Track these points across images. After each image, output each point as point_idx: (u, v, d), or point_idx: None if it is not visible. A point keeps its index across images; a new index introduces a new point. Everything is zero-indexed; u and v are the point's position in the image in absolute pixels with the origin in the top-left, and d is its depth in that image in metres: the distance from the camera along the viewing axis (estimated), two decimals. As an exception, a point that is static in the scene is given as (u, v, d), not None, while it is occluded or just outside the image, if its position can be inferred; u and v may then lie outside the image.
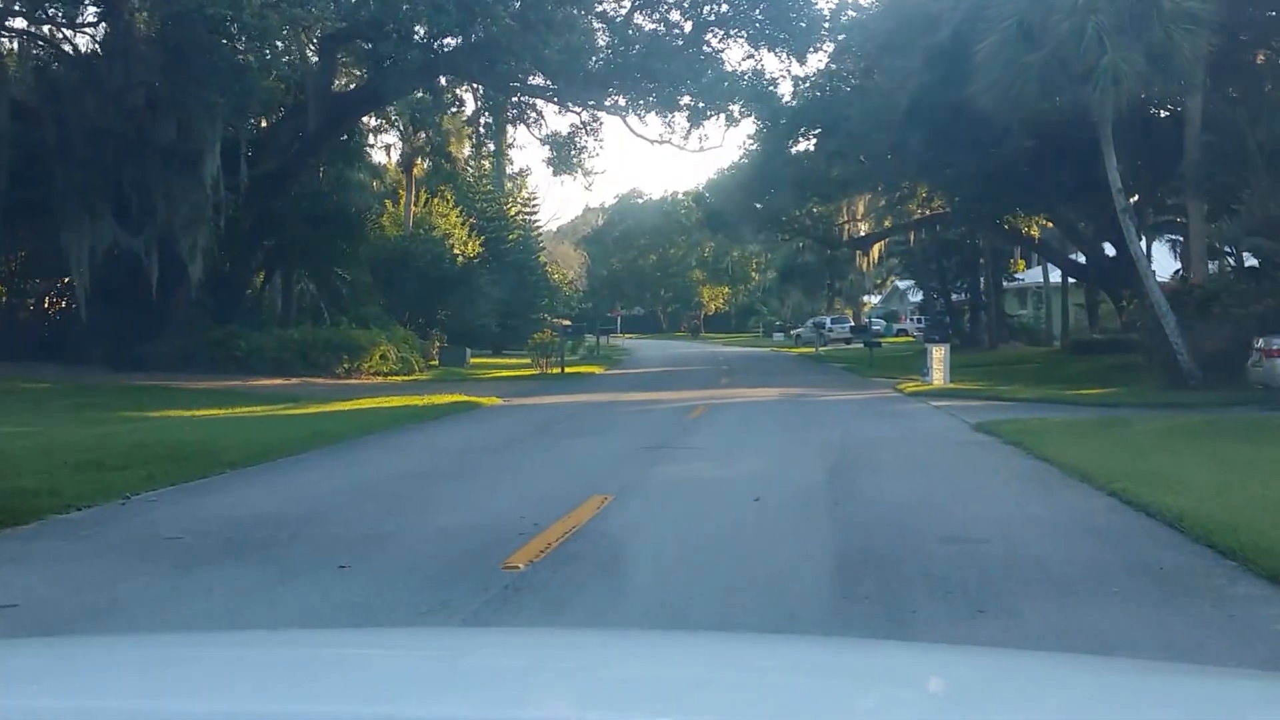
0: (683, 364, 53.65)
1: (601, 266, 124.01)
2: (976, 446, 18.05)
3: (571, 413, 25.75)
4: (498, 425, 22.50)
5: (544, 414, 25.37)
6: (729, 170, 58.67)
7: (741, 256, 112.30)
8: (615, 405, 28.09)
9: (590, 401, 29.34)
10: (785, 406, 27.06)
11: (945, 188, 40.95)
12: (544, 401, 29.60)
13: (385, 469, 15.30)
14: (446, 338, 58.03)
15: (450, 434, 20.77)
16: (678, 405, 27.31)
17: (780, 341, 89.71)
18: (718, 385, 36.12)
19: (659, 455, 16.63)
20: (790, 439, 19.23)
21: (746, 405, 27.77)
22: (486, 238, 68.07)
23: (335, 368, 40.14)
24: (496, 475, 14.65)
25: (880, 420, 23.30)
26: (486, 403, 28.31)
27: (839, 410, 26.15)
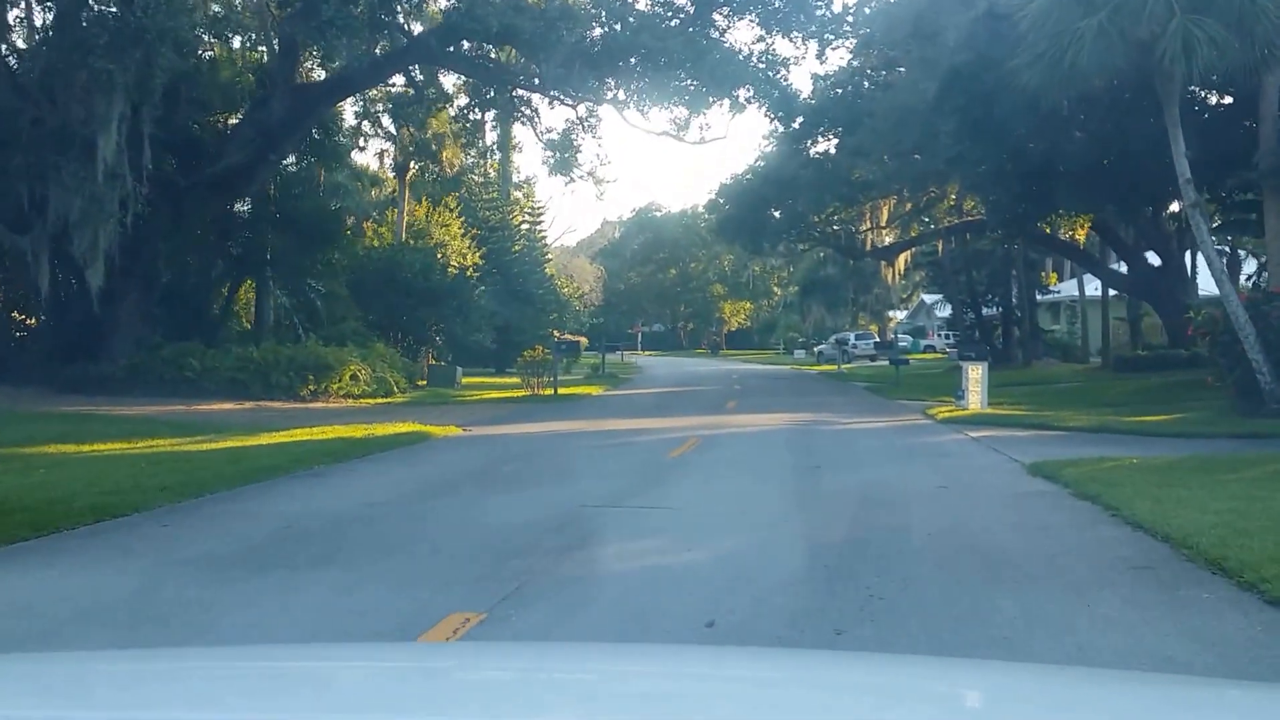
0: (692, 383, 48.82)
1: (619, 281, 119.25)
2: (1040, 503, 13.26)
3: (531, 448, 21.01)
4: (429, 467, 17.74)
5: (497, 450, 20.67)
6: (744, 175, 53.79)
7: (762, 271, 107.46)
8: (591, 437, 23.30)
9: (564, 431, 24.56)
10: (794, 439, 22.20)
11: (978, 186, 36.01)
12: (510, 431, 24.87)
13: (181, 552, 10.55)
14: (440, 355, 53.55)
15: (358, 481, 16.05)
16: (665, 437, 22.51)
17: (801, 359, 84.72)
18: (722, 410, 31.30)
19: (599, 524, 11.83)
20: (790, 491, 14.47)
21: (747, 437, 22.97)
22: (489, 248, 63.47)
23: (299, 389, 35.57)
24: (340, 562, 9.89)
25: (909, 460, 18.46)
26: (440, 433, 23.56)
27: (859, 444, 21.26)
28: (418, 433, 23.25)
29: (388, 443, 21.29)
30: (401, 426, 24.18)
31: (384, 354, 41.29)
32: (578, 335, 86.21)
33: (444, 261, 49.88)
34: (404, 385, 40.84)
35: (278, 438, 22.22)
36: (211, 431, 24.12)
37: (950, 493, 14.29)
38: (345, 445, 20.37)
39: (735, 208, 53.22)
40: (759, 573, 9.20)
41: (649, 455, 18.90)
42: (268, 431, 23.78)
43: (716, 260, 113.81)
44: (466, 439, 22.92)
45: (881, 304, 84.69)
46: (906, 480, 15.54)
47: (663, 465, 17.30)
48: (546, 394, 39.10)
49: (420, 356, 49.17)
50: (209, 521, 12.41)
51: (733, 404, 34.12)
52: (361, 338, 42.90)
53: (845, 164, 44.98)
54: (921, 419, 27.73)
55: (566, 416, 29.30)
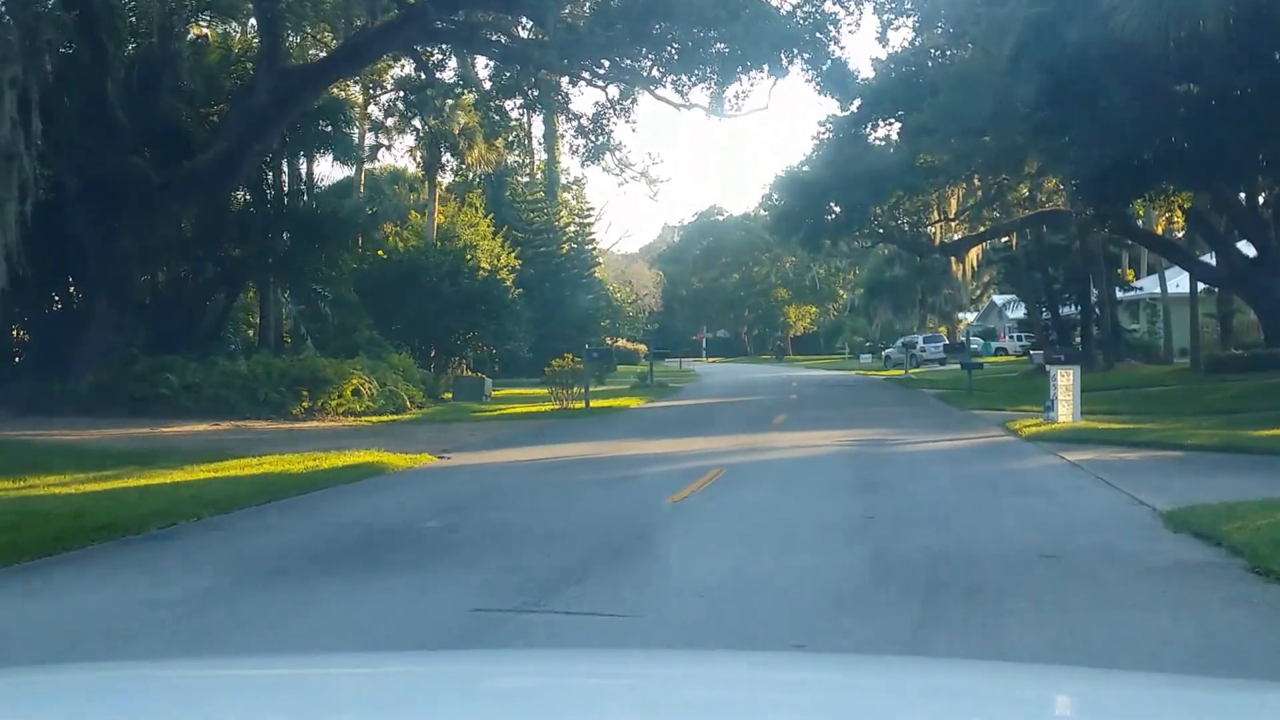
0: (746, 393, 43.64)
1: (681, 287, 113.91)
2: (1210, 592, 8.34)
3: (498, 487, 16.09)
4: (315, 527, 12.76)
5: (448, 491, 15.76)
6: (799, 166, 48.58)
7: (827, 273, 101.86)
8: (589, 468, 18.31)
9: (563, 459, 19.58)
10: (845, 469, 17.06)
11: (1062, 160, 30.50)
12: (497, 459, 19.98)
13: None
14: (478, 365, 48.86)
15: (162, 559, 11.12)
16: (680, 468, 17.49)
17: (868, 363, 79.05)
18: (766, 426, 26.17)
19: (478, 654, 6.73)
20: (823, 572, 9.38)
21: (785, 468, 17.81)
22: (533, 251, 58.78)
23: (291, 407, 30.94)
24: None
25: (995, 503, 13.34)
26: (402, 465, 18.76)
27: (928, 477, 16.03)
28: (373, 465, 18.40)
29: (322, 479, 16.49)
30: (359, 456, 19.40)
31: (399, 365, 36.63)
32: (636, 343, 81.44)
33: (474, 264, 45.18)
34: (420, 399, 36.14)
35: (198, 473, 17.53)
36: (140, 463, 19.45)
37: (1062, 568, 9.20)
38: (259, 486, 15.53)
39: (791, 202, 47.96)
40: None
41: (644, 499, 13.86)
42: (209, 463, 19.15)
43: (779, 263, 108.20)
44: (428, 473, 18.01)
45: (951, 305, 78.90)
46: (995, 542, 10.50)
47: (652, 518, 12.22)
48: (577, 407, 34.17)
49: (449, 367, 44.49)
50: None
51: (781, 418, 28.95)
52: (377, 348, 38.28)
53: (909, 148, 39.65)
54: (1003, 435, 22.51)
55: (582, 437, 24.35)
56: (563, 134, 49.17)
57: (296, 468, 17.90)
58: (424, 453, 20.33)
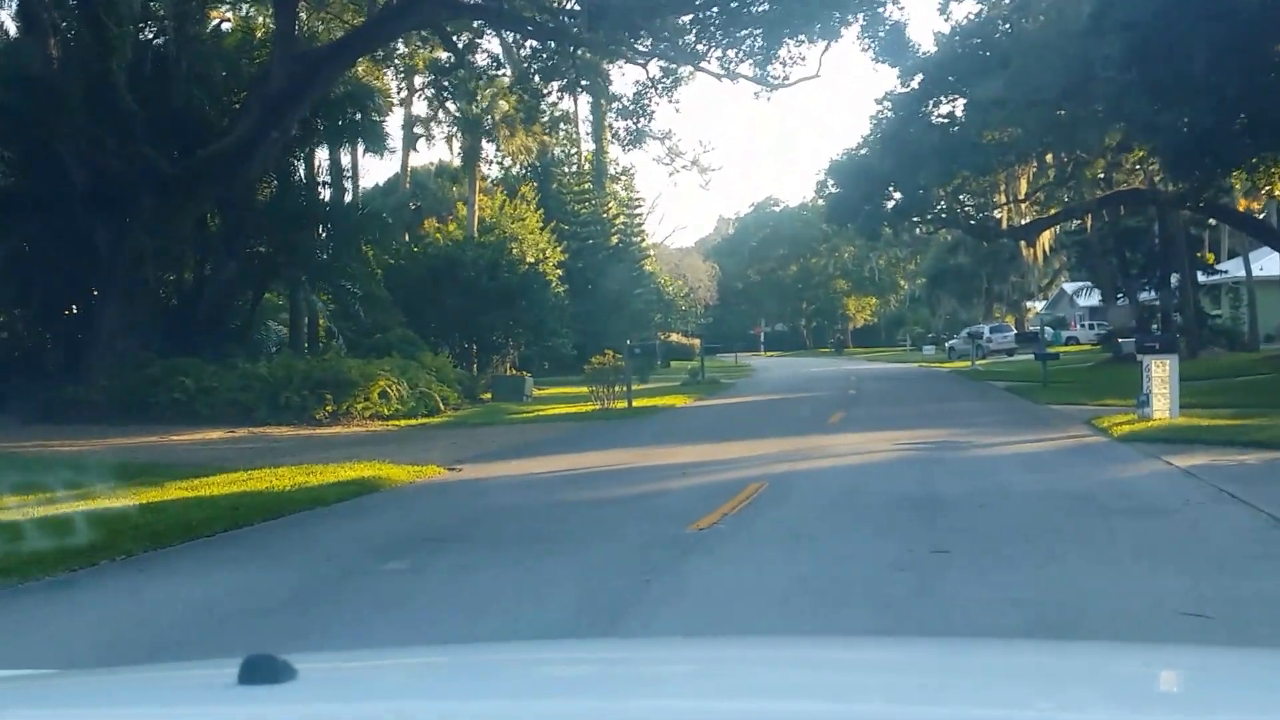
0: (801, 389, 40.87)
1: (738, 280, 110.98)
2: None
3: (502, 511, 13.51)
4: (239, 573, 10.25)
5: (437, 518, 13.30)
6: (856, 150, 45.75)
7: (887, 263, 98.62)
8: (616, 480, 15.78)
9: (588, 470, 17.07)
10: (908, 481, 14.36)
11: (1149, 132, 27.51)
12: (512, 472, 17.41)
13: None
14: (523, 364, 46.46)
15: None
16: (716, 481, 14.90)
17: (931, 355, 75.76)
18: (820, 427, 23.49)
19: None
20: (875, 637, 6.69)
21: (836, 480, 15.11)
22: (580, 244, 56.31)
23: (314, 411, 28.67)
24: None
25: (1103, 526, 10.65)
26: (403, 480, 16.36)
27: (1010, 490, 13.28)
28: (369, 480, 15.97)
29: (302, 500, 14.08)
30: (359, 470, 17.02)
31: (433, 365, 34.29)
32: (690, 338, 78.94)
33: (517, 257, 42.77)
34: (455, 401, 33.76)
35: (171, 492, 15.26)
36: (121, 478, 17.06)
37: (1220, 634, 6.53)
38: (220, 511, 13.16)
39: (847, 188, 45.12)
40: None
41: (661, 528, 11.20)
42: (195, 478, 16.95)
43: (837, 254, 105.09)
44: (427, 492, 15.52)
45: (1019, 293, 75.59)
46: (1114, 591, 7.87)
47: (663, 559, 9.54)
48: (618, 408, 31.65)
49: (491, 366, 42.11)
50: None
51: (838, 416, 26.23)
52: (411, 347, 35.93)
53: (976, 125, 36.76)
54: (1091, 435, 19.72)
55: (616, 442, 21.82)
56: (604, 116, 46.60)
57: (282, 484, 15.55)
58: (434, 464, 17.87)
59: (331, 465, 17.61)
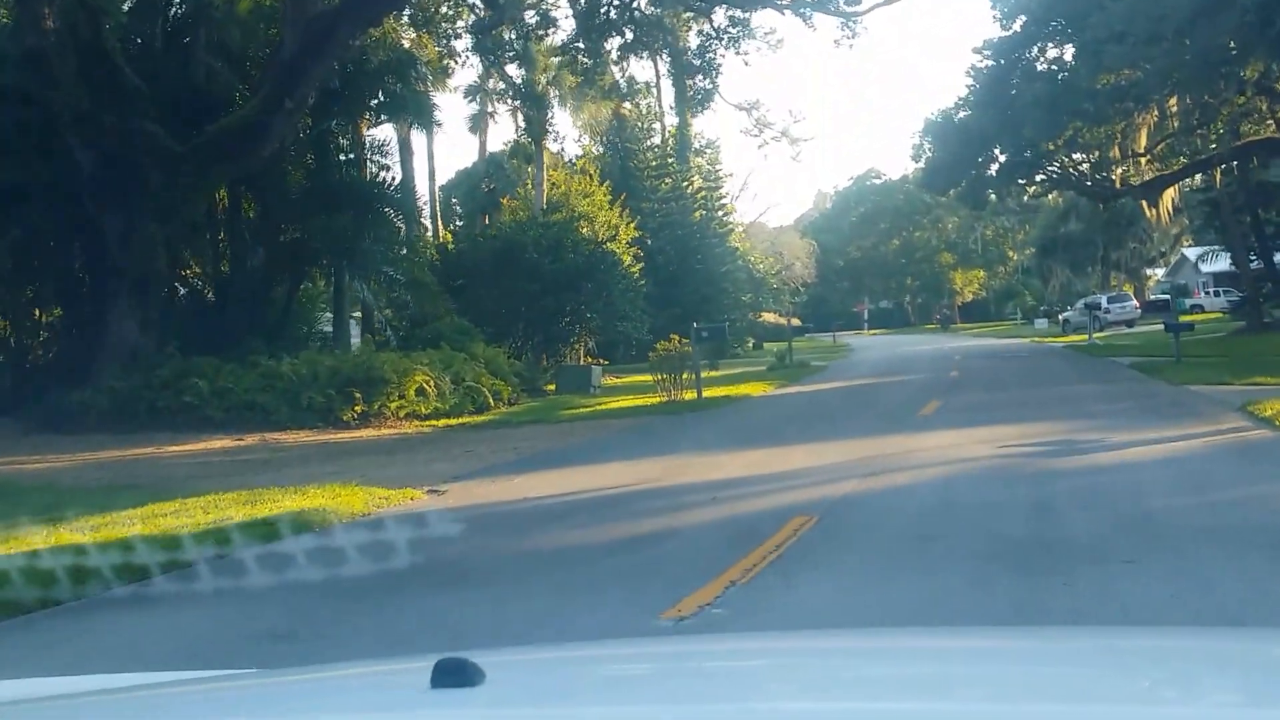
0: (898, 371, 36.52)
1: (837, 257, 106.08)
2: None
3: (439, 570, 9.43)
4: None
5: (372, 575, 9.34)
6: (954, 108, 41.21)
7: (994, 234, 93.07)
8: (621, 510, 11.89)
9: (597, 494, 13.15)
10: (1012, 508, 10.22)
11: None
12: (510, 496, 13.52)
13: None
14: (600, 351, 42.78)
15: None
16: (757, 510, 11.01)
17: (1044, 329, 70.44)
18: (911, 420, 19.37)
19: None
20: None
21: (919, 504, 10.92)
22: (659, 221, 52.37)
23: (340, 411, 25.18)
24: None
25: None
26: (357, 512, 12.65)
27: (1163, 527, 9.05)
28: (311, 514, 12.23)
29: (185, 551, 10.34)
30: (305, 498, 13.28)
31: (484, 356, 30.71)
32: (786, 317, 74.70)
33: (585, 236, 38.98)
34: (510, 395, 30.18)
35: (60, 536, 11.55)
36: (33, 512, 13.60)
37: None
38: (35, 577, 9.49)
39: (945, 150, 40.75)
40: None
41: (625, 612, 7.20)
42: (137, 506, 13.36)
43: (940, 225, 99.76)
44: (360, 531, 11.70)
45: (1138, 260, 69.97)
46: None
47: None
48: (687, 399, 27.76)
49: (561, 355, 38.43)
50: None
51: (933, 406, 21.97)
52: (463, 336, 32.37)
53: (1088, 68, 32.16)
54: (1251, 426, 15.46)
55: (660, 447, 17.92)
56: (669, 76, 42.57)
57: (194, 522, 11.93)
58: (412, 488, 14.11)
59: (290, 491, 13.96)
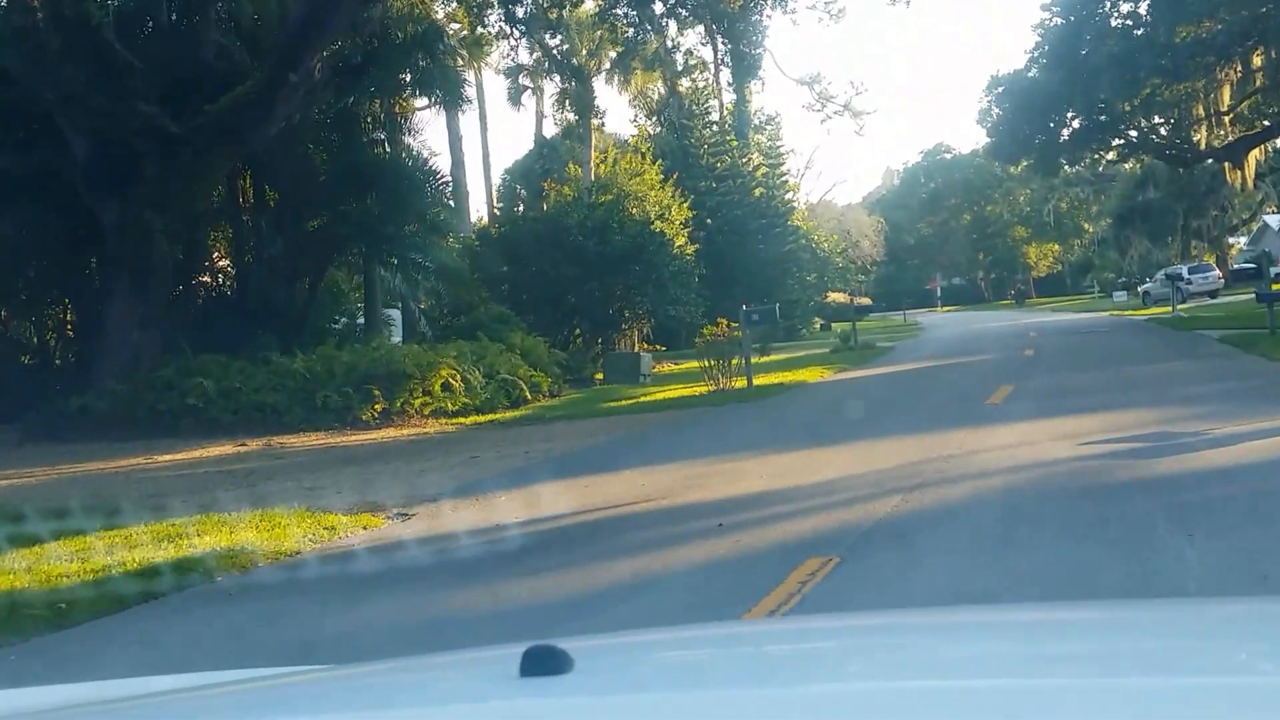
0: (968, 351, 33.71)
1: (907, 234, 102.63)
2: None
3: (303, 651, 7.14)
4: None
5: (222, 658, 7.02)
6: (1024, 70, 38.16)
7: (1070, 205, 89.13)
8: (596, 547, 9.41)
9: (573, 523, 10.58)
10: (1103, 539, 7.66)
11: None
12: (486, 520, 11.08)
13: None
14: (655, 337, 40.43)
15: None
16: (757, 551, 8.49)
17: (1123, 303, 66.85)
18: (979, 409, 16.70)
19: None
20: None
21: (970, 533, 8.36)
22: (717, 200, 49.79)
23: (359, 410, 23.02)
24: None
25: None
26: (285, 549, 10.30)
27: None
28: (213, 560, 9.90)
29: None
30: (232, 533, 11.00)
31: (522, 346, 28.47)
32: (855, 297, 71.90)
33: (635, 217, 36.55)
34: (551, 386, 27.99)
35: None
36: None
37: None
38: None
39: (1013, 114, 37.73)
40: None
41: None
42: (57, 540, 11.12)
43: (1011, 198, 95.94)
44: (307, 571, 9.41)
45: (1219, 228, 66.13)
46: None
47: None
48: (737, 387, 25.31)
49: (610, 343, 36.06)
50: None
51: (1005, 392, 19.26)
52: (502, 326, 30.13)
53: (1166, 20, 29.20)
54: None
55: (679, 451, 15.47)
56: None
57: (81, 570, 9.68)
58: (381, 510, 11.82)
59: (232, 518, 11.71)
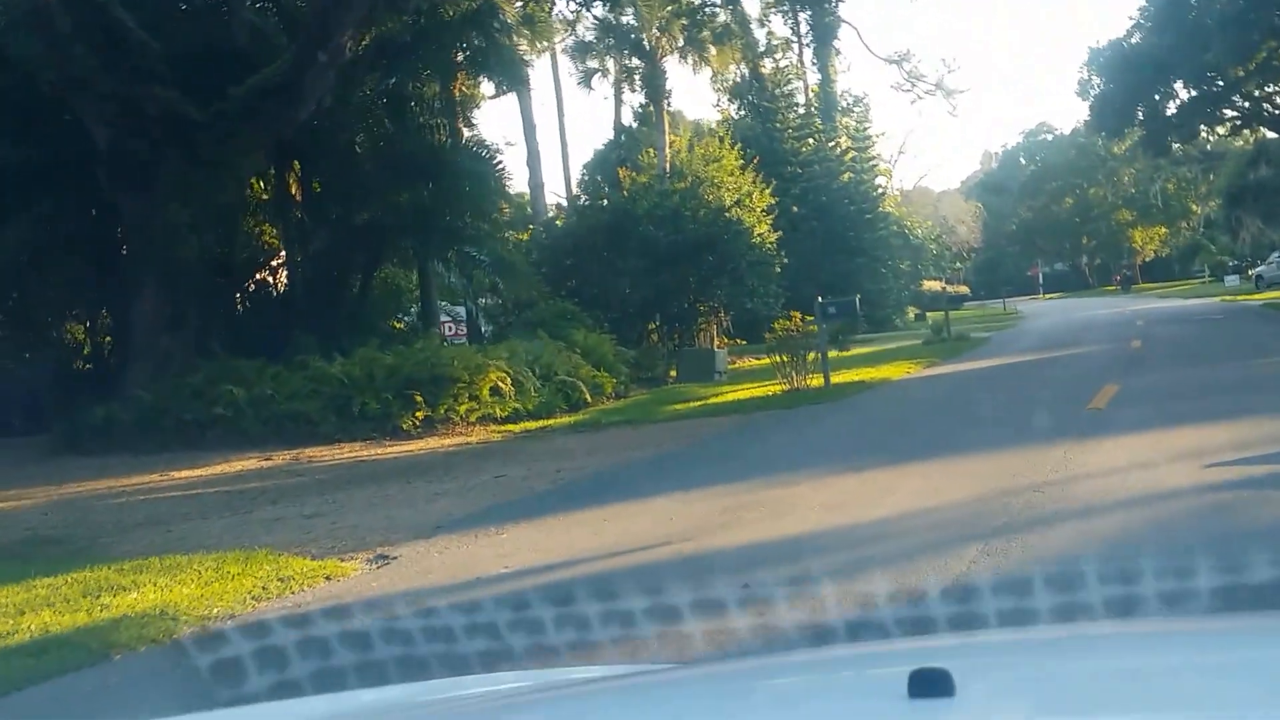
0: (1069, 342, 31.08)
1: (1007, 219, 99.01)
2: None
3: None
4: None
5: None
6: (1126, 37, 35.36)
7: (1177, 185, 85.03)
8: (619, 598, 7.30)
9: (593, 574, 8.57)
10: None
11: None
12: (473, 573, 9.01)
13: None
14: (733, 331, 38.38)
15: None
16: (787, 628, 6.31)
17: (1235, 287, 63.26)
18: (1074, 421, 14.29)
19: None
20: None
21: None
22: (802, 186, 47.46)
23: (399, 418, 21.22)
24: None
25: None
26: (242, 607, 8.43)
27: None
28: (124, 630, 8.03)
29: None
30: (165, 591, 9.14)
31: (586, 345, 26.59)
32: (952, 285, 69.08)
33: (711, 204, 34.43)
34: (616, 387, 26.08)
35: None
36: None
37: None
38: None
39: (1115, 82, 35.01)
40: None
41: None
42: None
43: (1115, 178, 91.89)
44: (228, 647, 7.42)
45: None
46: None
47: None
48: (813, 387, 23.12)
49: (685, 339, 34.04)
50: None
51: (1109, 393, 16.85)
52: (565, 323, 28.23)
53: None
54: None
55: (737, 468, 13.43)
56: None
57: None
58: (363, 549, 9.95)
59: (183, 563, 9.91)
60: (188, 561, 9.86)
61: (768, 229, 36.95)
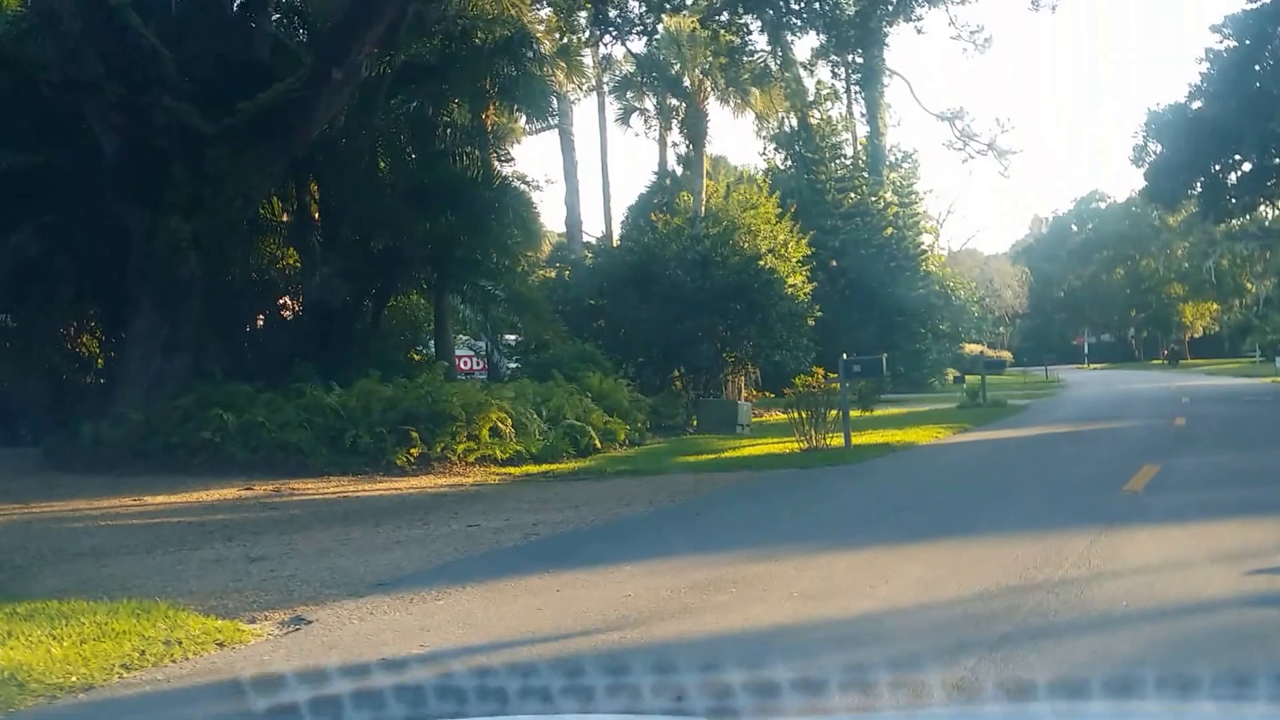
0: (1110, 415, 29.57)
1: (1056, 287, 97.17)
2: None
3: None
4: None
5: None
6: (1186, 101, 33.92)
7: (1231, 262, 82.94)
8: (552, 692, 6.01)
9: (516, 664, 7.34)
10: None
11: None
12: (357, 658, 7.75)
13: None
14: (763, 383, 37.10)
15: None
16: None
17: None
18: (1107, 504, 12.92)
19: None
20: None
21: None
22: (842, 239, 46.14)
23: (393, 454, 20.09)
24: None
25: None
26: (28, 697, 6.98)
27: None
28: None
29: None
30: (36, 649, 7.90)
31: (600, 389, 25.36)
32: (996, 350, 67.41)
33: (745, 251, 33.19)
34: (630, 435, 24.86)
35: None
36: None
37: None
38: None
39: (1174, 149, 33.53)
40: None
41: None
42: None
43: (1169, 252, 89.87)
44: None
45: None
46: None
47: None
48: (832, 446, 21.76)
49: (711, 389, 32.73)
50: None
51: (1148, 475, 15.41)
52: (582, 365, 27.02)
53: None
54: None
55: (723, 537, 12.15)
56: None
57: None
58: (279, 609, 8.75)
59: (91, 606, 8.72)
60: (84, 609, 8.66)
61: (802, 280, 35.64)
